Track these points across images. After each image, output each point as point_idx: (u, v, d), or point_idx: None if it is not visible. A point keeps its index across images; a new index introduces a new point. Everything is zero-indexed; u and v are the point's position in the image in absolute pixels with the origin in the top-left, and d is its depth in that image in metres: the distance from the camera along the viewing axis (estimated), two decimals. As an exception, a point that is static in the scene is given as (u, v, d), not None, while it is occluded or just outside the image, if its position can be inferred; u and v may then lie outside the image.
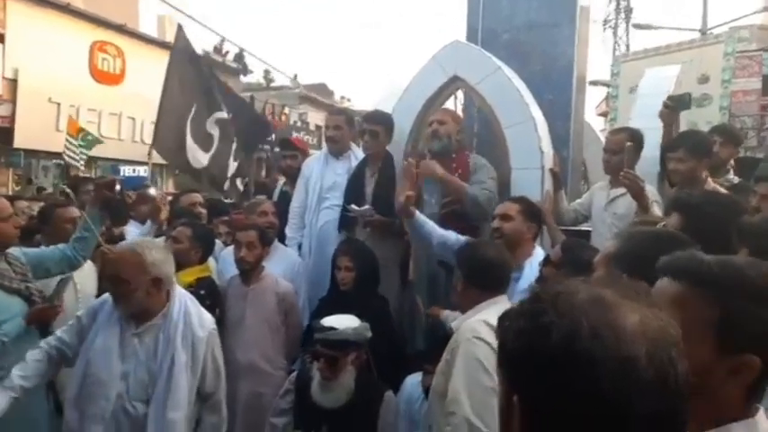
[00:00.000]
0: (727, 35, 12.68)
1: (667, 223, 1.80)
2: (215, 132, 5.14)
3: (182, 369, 2.23)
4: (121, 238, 3.61)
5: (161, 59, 14.30)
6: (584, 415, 0.65)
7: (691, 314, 0.90)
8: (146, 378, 2.22)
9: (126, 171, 12.75)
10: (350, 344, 2.50)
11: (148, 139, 13.83)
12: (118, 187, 2.93)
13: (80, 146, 6.29)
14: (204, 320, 2.37)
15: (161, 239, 3.54)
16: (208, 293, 3.01)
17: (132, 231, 3.87)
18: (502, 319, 0.75)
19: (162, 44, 15.18)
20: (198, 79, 5.17)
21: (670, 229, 1.72)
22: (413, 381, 2.77)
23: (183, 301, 2.35)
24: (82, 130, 6.37)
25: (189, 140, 4.91)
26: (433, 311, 3.07)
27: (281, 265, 3.54)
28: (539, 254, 2.77)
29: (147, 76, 13.67)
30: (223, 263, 3.52)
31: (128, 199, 3.37)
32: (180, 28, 5.26)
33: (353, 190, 3.63)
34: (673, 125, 3.54)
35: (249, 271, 3.14)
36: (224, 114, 5.24)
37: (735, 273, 0.94)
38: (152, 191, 5.20)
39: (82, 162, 6.27)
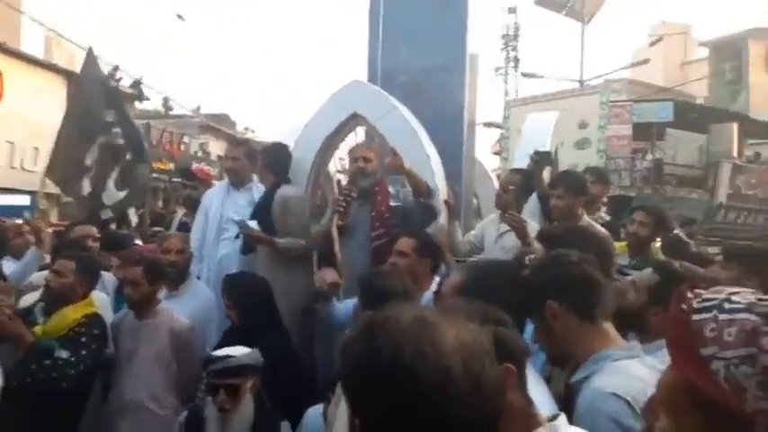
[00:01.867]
0: (602, 86, 14.14)
1: (535, 253, 2.00)
2: (92, 156, 4.78)
3: None
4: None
5: (46, 81, 13.58)
6: (413, 425, 0.73)
7: None
8: None
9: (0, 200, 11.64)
10: (247, 369, 2.46)
11: (29, 165, 12.96)
12: None
13: None
14: None
15: (42, 273, 3.30)
16: (101, 333, 2.86)
17: (9, 266, 3.57)
18: (342, 346, 0.82)
19: (48, 66, 14.24)
20: (103, 103, 4.89)
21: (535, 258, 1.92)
22: (315, 412, 2.75)
23: None
24: None
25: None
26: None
27: (193, 303, 3.41)
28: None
29: (30, 97, 12.76)
30: None
31: None
32: (90, 51, 4.98)
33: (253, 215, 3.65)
34: (541, 175, 3.88)
35: (140, 306, 3.01)
36: (109, 138, 4.89)
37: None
38: (19, 220, 4.81)
39: None
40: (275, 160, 3.77)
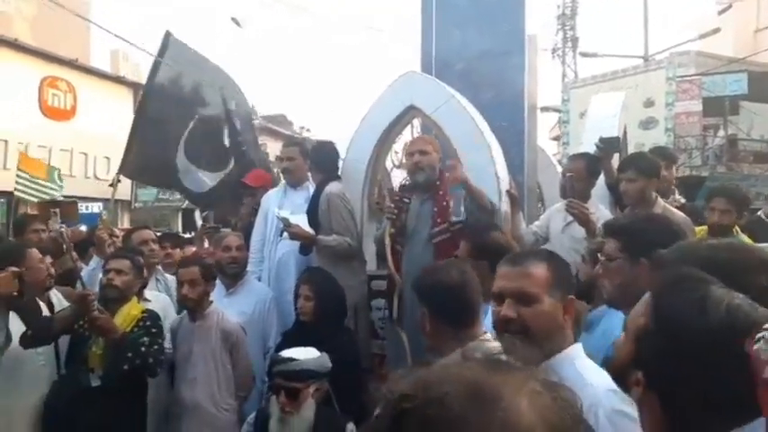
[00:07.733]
0: (667, 61, 13.40)
1: (605, 248, 1.82)
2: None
3: None
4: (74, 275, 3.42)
5: (114, 94, 14.24)
6: None
7: None
8: None
9: (78, 208, 12.35)
10: (310, 374, 2.45)
11: (102, 175, 13.62)
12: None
13: (53, 184, 6.43)
14: None
15: None
16: (161, 326, 2.95)
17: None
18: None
19: (115, 78, 14.95)
20: (199, 90, 4.80)
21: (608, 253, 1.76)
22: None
23: None
24: (52, 168, 6.49)
25: (181, 159, 4.58)
26: None
27: (251, 301, 3.48)
28: None
29: (100, 110, 13.43)
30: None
31: (65, 240, 3.34)
32: (167, 34, 4.68)
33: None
34: (610, 163, 3.67)
35: (194, 307, 3.06)
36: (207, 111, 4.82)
37: None
38: (83, 227, 4.96)
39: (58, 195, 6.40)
40: (322, 158, 3.78)
